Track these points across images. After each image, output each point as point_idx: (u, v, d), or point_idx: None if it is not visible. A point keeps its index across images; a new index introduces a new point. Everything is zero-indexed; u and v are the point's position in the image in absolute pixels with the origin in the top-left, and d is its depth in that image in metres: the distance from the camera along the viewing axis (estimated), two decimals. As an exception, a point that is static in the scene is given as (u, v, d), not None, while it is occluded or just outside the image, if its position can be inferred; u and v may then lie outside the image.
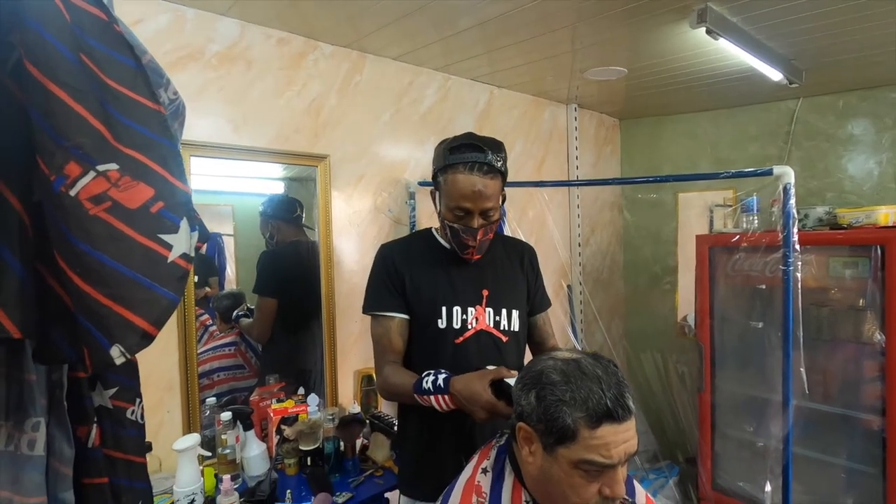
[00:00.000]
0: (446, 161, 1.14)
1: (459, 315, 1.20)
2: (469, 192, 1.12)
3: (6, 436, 0.53)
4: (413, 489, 1.25)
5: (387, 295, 1.22)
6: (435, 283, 1.22)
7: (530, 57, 2.03)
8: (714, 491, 2.29)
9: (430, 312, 1.20)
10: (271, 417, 1.65)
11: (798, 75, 2.10)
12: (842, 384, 2.07)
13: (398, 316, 1.22)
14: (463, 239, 1.17)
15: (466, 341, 1.20)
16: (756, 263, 2.14)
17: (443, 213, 1.18)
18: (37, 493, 0.53)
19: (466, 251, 1.19)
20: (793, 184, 1.40)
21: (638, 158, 3.20)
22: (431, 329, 1.20)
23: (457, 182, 1.12)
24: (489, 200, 1.14)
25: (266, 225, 1.86)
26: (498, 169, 1.15)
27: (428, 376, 1.08)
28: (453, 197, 1.13)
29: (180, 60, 1.51)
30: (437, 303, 1.20)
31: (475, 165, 1.12)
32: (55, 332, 0.51)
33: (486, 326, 1.22)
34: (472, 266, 1.25)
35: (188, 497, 1.21)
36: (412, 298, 1.22)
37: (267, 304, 1.84)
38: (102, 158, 0.47)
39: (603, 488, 0.76)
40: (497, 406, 0.98)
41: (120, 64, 0.49)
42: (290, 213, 1.89)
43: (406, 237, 1.39)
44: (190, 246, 0.51)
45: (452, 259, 1.25)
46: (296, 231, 1.90)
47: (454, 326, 1.20)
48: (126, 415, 0.64)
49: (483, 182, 1.12)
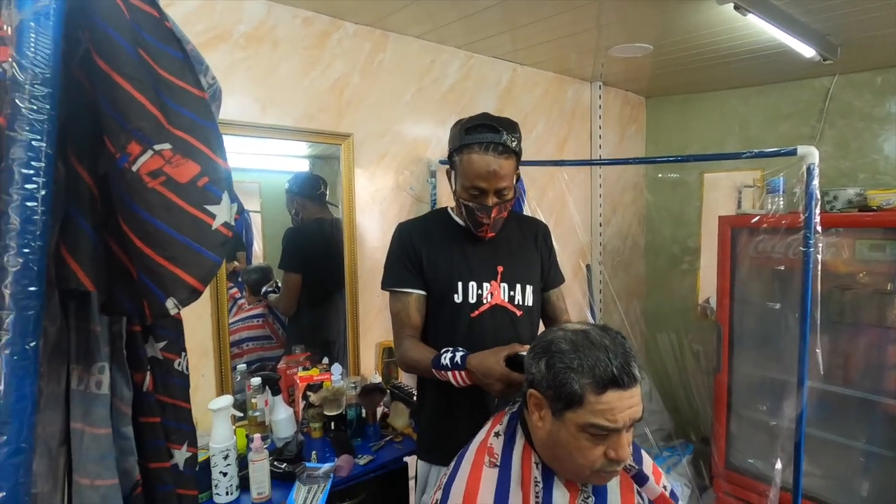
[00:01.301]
0: (462, 141, 1.17)
1: (475, 290, 1.25)
2: (484, 171, 1.15)
3: (77, 377, 0.63)
4: (430, 454, 1.33)
5: (404, 272, 1.28)
6: (451, 260, 1.27)
7: (553, 34, 2.01)
8: (727, 469, 2.33)
9: (446, 288, 1.25)
10: (297, 384, 1.74)
11: (833, 51, 2.03)
12: (863, 368, 2.06)
13: (415, 292, 1.27)
14: (478, 217, 1.20)
15: (482, 315, 1.25)
16: (778, 245, 2.12)
17: (458, 192, 1.23)
18: (104, 425, 0.63)
19: (481, 229, 1.23)
20: (817, 164, 1.37)
21: (664, 138, 3.14)
22: (448, 304, 1.25)
23: (472, 162, 1.16)
24: (503, 180, 1.17)
25: (291, 202, 1.93)
26: (512, 149, 1.17)
27: (446, 353, 1.14)
28: (468, 176, 1.17)
29: (210, 41, 1.57)
30: (454, 278, 1.25)
31: (490, 146, 1.15)
32: (118, 290, 0.60)
33: (501, 301, 1.27)
34: (488, 243, 1.29)
35: (223, 452, 1.31)
36: (429, 274, 1.27)
37: (292, 279, 1.92)
38: (158, 139, 0.54)
39: (608, 451, 0.81)
40: (511, 376, 1.04)
41: (170, 56, 0.56)
42: (314, 190, 1.95)
43: (423, 216, 1.44)
44: (231, 215, 0.58)
45: (468, 236, 1.29)
46: (319, 208, 1.96)
47: (470, 301, 1.25)
48: (174, 365, 0.74)
49: (497, 162, 1.15)
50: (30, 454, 0.48)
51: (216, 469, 1.31)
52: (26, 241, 0.47)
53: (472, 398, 1.24)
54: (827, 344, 1.96)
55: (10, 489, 0.47)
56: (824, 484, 2.11)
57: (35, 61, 0.46)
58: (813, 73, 2.45)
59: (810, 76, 2.51)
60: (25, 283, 0.47)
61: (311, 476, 1.41)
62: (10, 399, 0.46)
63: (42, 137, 0.47)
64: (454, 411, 1.27)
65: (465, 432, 1.16)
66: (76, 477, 0.65)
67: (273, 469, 1.39)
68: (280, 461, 1.44)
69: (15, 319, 0.46)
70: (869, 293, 2.02)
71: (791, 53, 2.03)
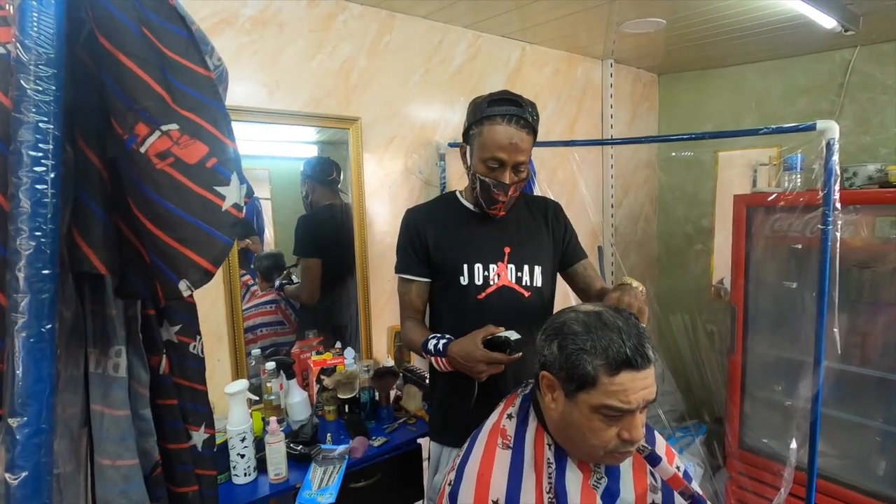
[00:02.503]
0: (484, 113, 1.16)
1: (481, 272, 1.25)
2: (506, 142, 1.14)
3: (95, 361, 0.64)
4: (442, 436, 1.34)
5: (408, 259, 1.30)
6: (456, 243, 1.27)
7: (563, 10, 1.96)
8: (740, 449, 2.32)
9: (452, 271, 1.26)
10: (311, 368, 1.76)
11: (854, 21, 1.95)
12: (882, 347, 2.02)
13: (418, 279, 1.30)
14: (494, 194, 1.19)
15: (489, 297, 1.25)
16: (795, 223, 2.07)
17: (474, 167, 1.21)
18: (122, 407, 0.64)
19: (494, 206, 1.22)
20: (837, 139, 1.33)
21: (678, 115, 3.07)
22: (455, 286, 1.26)
23: (494, 132, 1.15)
24: (522, 154, 1.16)
25: (304, 185, 1.94)
26: (532, 125, 1.18)
27: (432, 339, 1.18)
28: (489, 147, 1.15)
29: (216, 26, 1.55)
30: (459, 261, 1.25)
31: (513, 118, 1.14)
32: (130, 273, 0.60)
33: (508, 282, 1.26)
34: (495, 224, 1.28)
35: (240, 435, 1.33)
36: (435, 259, 1.28)
37: (312, 264, 1.93)
38: (165, 119, 0.53)
39: (622, 432, 0.80)
40: (491, 356, 1.05)
41: (175, 34, 0.55)
42: (325, 175, 1.94)
43: (430, 201, 1.44)
44: (240, 197, 0.58)
45: (475, 218, 1.29)
46: (330, 194, 1.96)
47: (476, 283, 1.25)
48: (189, 349, 0.74)
49: (519, 135, 1.15)
50: (50, 435, 0.49)
51: (234, 451, 1.34)
52: (38, 224, 0.47)
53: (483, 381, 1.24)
54: (844, 323, 1.93)
55: (33, 468, 0.47)
56: (840, 464, 2.09)
57: (38, 41, 0.45)
58: (833, 45, 2.37)
59: (830, 48, 2.43)
60: (39, 266, 0.47)
61: (327, 458, 1.43)
62: (29, 381, 0.47)
63: (49, 119, 0.46)
64: (464, 393, 1.28)
65: (475, 414, 1.17)
66: (98, 458, 0.66)
67: (289, 451, 1.41)
68: (296, 443, 1.46)
69: (30, 302, 0.47)
70: (889, 271, 1.97)
71: (810, 25, 1.96)
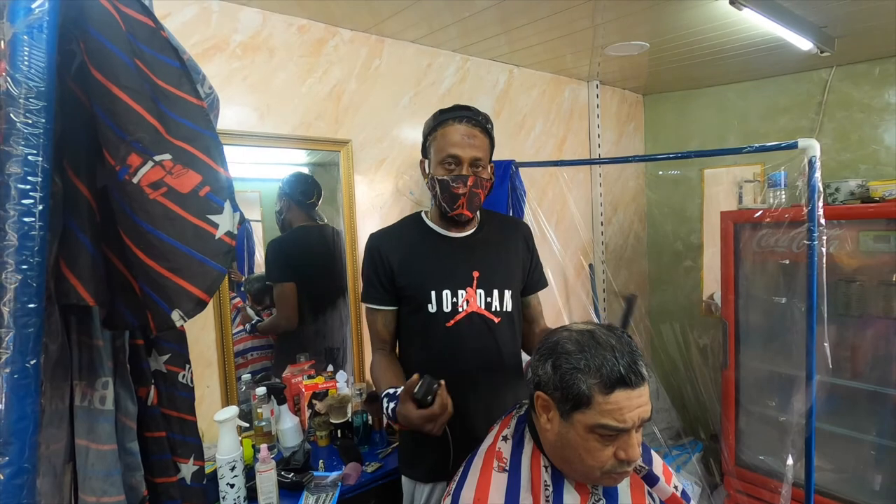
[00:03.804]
0: (437, 120, 1.20)
1: (449, 298, 1.20)
2: (458, 138, 1.16)
3: (81, 393, 0.62)
4: (411, 469, 1.29)
5: (372, 288, 1.26)
6: (423, 268, 1.23)
7: (549, 34, 2.01)
8: (737, 466, 2.31)
9: (419, 297, 1.21)
10: (303, 393, 1.73)
11: (830, 43, 2.02)
12: (871, 360, 2.04)
13: (383, 308, 1.26)
14: (453, 188, 1.17)
15: (458, 324, 1.21)
16: (782, 239, 2.11)
17: (433, 172, 1.20)
18: (109, 441, 0.62)
19: (457, 203, 1.18)
20: (818, 157, 1.37)
21: (663, 135, 3.14)
22: (422, 313, 1.21)
23: (447, 133, 1.17)
24: (478, 150, 1.17)
25: (280, 201, 1.89)
26: (486, 126, 1.20)
27: (385, 399, 1.11)
28: (444, 148, 1.17)
29: (207, 52, 1.57)
30: (427, 288, 1.21)
31: (464, 118, 1.18)
32: (119, 303, 0.59)
33: (478, 308, 1.22)
34: (464, 246, 1.25)
35: (230, 463, 1.30)
36: (401, 285, 1.23)
37: (288, 289, 1.86)
38: (158, 150, 0.54)
39: (618, 452, 0.80)
40: (431, 414, 0.98)
41: (167, 66, 0.55)
42: (304, 197, 1.90)
43: (395, 224, 1.37)
44: (233, 225, 0.58)
45: (442, 240, 1.26)
46: (306, 216, 1.91)
47: (444, 310, 1.20)
48: (178, 378, 0.73)
49: (472, 132, 1.17)
50: (33, 474, 0.47)
51: (223, 481, 1.30)
52: (24, 258, 0.46)
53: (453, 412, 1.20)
54: (834, 337, 1.95)
55: (14, 510, 0.46)
56: (836, 478, 2.09)
57: (29, 75, 0.45)
58: (811, 65, 2.44)
59: (808, 69, 2.51)
60: (24, 300, 0.46)
61: (319, 485, 1.40)
62: (12, 418, 0.46)
63: (38, 152, 0.46)
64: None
65: (444, 448, 1.12)
66: (82, 494, 0.64)
67: (280, 479, 1.38)
68: (287, 471, 1.43)
69: (15, 337, 0.46)
70: (874, 284, 2.00)
71: (788, 47, 2.03)
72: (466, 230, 1.28)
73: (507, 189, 2.18)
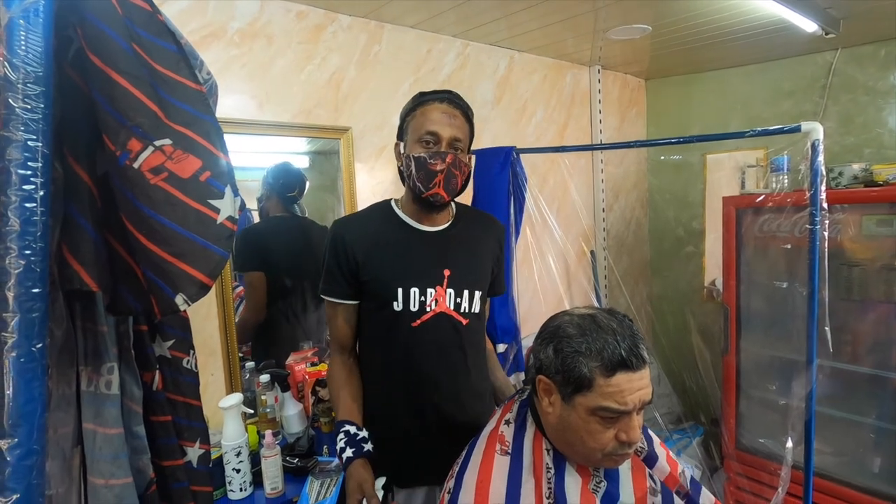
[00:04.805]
0: (416, 101, 1.14)
1: (417, 297, 1.13)
2: (438, 116, 1.10)
3: (87, 378, 0.63)
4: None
5: (332, 280, 1.17)
6: (391, 263, 1.14)
7: (549, 18, 1.99)
8: (737, 450, 2.33)
9: (384, 294, 1.13)
10: (307, 380, 1.75)
11: (835, 25, 1.99)
12: (872, 344, 2.05)
13: (344, 303, 1.17)
14: (430, 165, 1.08)
15: (424, 325, 1.13)
16: (784, 224, 2.10)
17: (409, 150, 1.13)
18: (115, 425, 0.63)
19: (432, 182, 1.09)
20: (821, 140, 1.35)
21: (665, 120, 3.11)
22: (386, 311, 1.13)
23: (427, 111, 1.11)
24: (459, 131, 1.12)
25: (262, 188, 1.85)
26: (466, 110, 1.15)
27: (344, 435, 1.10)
28: (422, 125, 1.10)
29: (204, 39, 1.55)
30: (393, 284, 1.13)
31: (445, 100, 1.13)
32: (122, 289, 0.59)
33: (447, 309, 1.15)
34: (435, 243, 1.18)
35: (235, 449, 1.31)
36: (365, 279, 1.15)
37: (255, 279, 1.80)
38: (158, 135, 0.54)
39: (620, 434, 0.81)
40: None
41: (165, 50, 0.55)
42: (286, 189, 1.86)
43: (362, 211, 1.28)
44: (234, 209, 0.58)
45: (412, 234, 1.18)
46: (284, 208, 1.88)
47: (411, 309, 1.13)
48: (183, 363, 0.74)
49: (453, 112, 1.12)
50: (42, 456, 0.48)
51: (229, 466, 1.32)
52: (27, 243, 0.46)
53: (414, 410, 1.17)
54: (835, 321, 1.95)
55: (24, 491, 0.47)
56: (835, 461, 2.11)
57: (27, 59, 0.45)
58: (815, 47, 2.41)
59: (812, 51, 2.47)
60: (28, 284, 0.47)
61: (324, 470, 1.42)
62: (20, 401, 0.46)
63: (38, 137, 0.46)
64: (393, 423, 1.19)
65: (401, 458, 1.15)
66: (90, 477, 0.65)
67: (285, 464, 1.40)
68: (292, 456, 1.45)
69: (20, 321, 0.46)
70: (877, 269, 2.00)
71: (792, 29, 2.00)
72: (439, 224, 1.20)
73: (508, 176, 2.16)
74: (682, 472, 0.97)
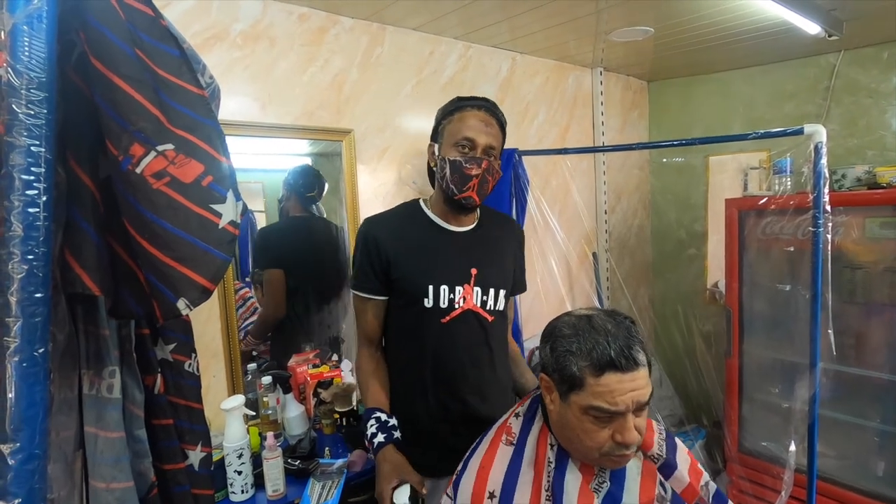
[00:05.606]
0: (454, 105, 1.20)
1: (446, 294, 1.18)
2: (476, 123, 1.16)
3: (89, 382, 0.63)
4: None
5: (364, 276, 1.22)
6: (421, 261, 1.20)
7: (552, 21, 1.99)
8: (740, 453, 2.32)
9: (415, 291, 1.18)
10: (308, 381, 1.75)
11: (838, 27, 1.99)
12: (876, 347, 2.04)
13: (374, 298, 1.22)
14: (465, 169, 1.15)
15: (453, 321, 1.19)
16: (786, 226, 2.09)
17: (444, 153, 1.19)
18: (117, 429, 0.63)
19: (467, 186, 1.16)
20: (825, 143, 1.35)
21: (667, 122, 3.11)
22: (417, 308, 1.19)
23: (465, 117, 1.17)
24: (494, 139, 1.18)
25: (283, 189, 1.90)
26: (502, 122, 1.21)
27: (375, 421, 1.15)
28: (460, 130, 1.17)
29: (207, 42, 1.56)
30: (424, 282, 1.18)
31: (482, 107, 1.18)
32: (124, 292, 0.60)
33: (474, 306, 1.21)
34: (463, 242, 1.24)
35: (237, 451, 1.31)
36: (396, 277, 1.19)
37: (275, 276, 1.84)
38: (160, 139, 0.54)
39: (615, 435, 0.82)
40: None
41: (167, 54, 0.55)
42: (305, 189, 1.91)
43: (391, 210, 1.33)
44: (236, 214, 0.58)
45: (441, 233, 1.24)
46: (303, 208, 1.92)
47: (441, 306, 1.18)
48: (184, 367, 0.74)
49: (489, 120, 1.18)
50: (44, 460, 0.48)
51: (231, 468, 1.32)
52: (30, 248, 0.46)
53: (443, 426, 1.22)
54: (838, 324, 1.94)
55: (26, 495, 0.47)
56: (839, 465, 2.10)
57: (30, 65, 0.45)
58: (818, 49, 2.41)
59: (815, 53, 2.47)
60: (31, 289, 0.47)
61: (325, 472, 1.42)
62: (22, 406, 0.46)
63: (41, 142, 0.46)
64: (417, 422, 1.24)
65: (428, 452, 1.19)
66: (92, 481, 0.65)
67: (287, 466, 1.40)
68: (294, 458, 1.45)
69: (22, 326, 0.46)
70: (880, 271, 1.99)
71: (795, 31, 1.99)
72: (466, 225, 1.26)
73: (510, 178, 2.17)
74: (705, 483, 0.97)
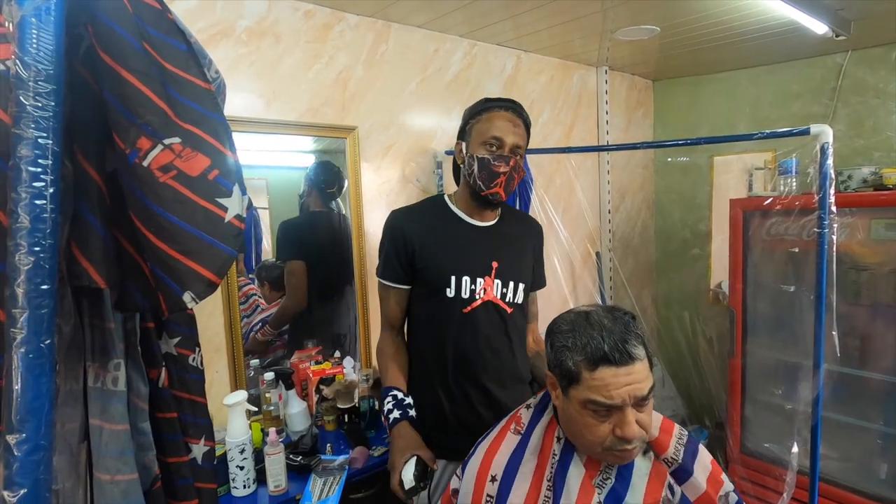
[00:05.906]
0: (483, 106, 1.24)
1: (468, 285, 1.24)
2: (503, 124, 1.21)
3: (94, 374, 0.64)
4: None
5: (390, 265, 1.28)
6: (445, 253, 1.26)
7: (557, 19, 1.98)
8: (742, 454, 2.31)
9: (439, 281, 1.24)
10: (310, 378, 1.75)
11: (846, 27, 1.97)
12: (880, 349, 2.03)
13: (397, 287, 1.29)
14: (494, 167, 1.20)
15: (474, 311, 1.24)
16: (791, 227, 2.08)
17: (471, 151, 1.24)
18: (121, 421, 0.63)
19: (494, 182, 1.21)
20: (831, 143, 1.34)
21: (672, 121, 3.09)
22: (440, 297, 1.24)
23: (493, 118, 1.22)
24: (520, 139, 1.23)
25: (304, 185, 1.94)
26: (528, 124, 1.25)
27: (390, 399, 1.22)
28: (488, 131, 1.21)
29: (213, 38, 1.56)
30: (447, 272, 1.24)
31: (510, 108, 1.23)
32: (130, 286, 0.60)
33: (494, 298, 1.26)
34: (485, 236, 1.29)
35: (239, 446, 1.32)
36: (421, 267, 1.25)
37: (296, 267, 1.89)
38: (167, 133, 0.54)
39: (615, 429, 0.83)
40: (395, 482, 1.11)
41: (174, 48, 0.56)
42: (325, 185, 1.94)
43: (418, 204, 1.41)
44: (242, 208, 0.59)
45: (465, 227, 1.29)
46: (322, 203, 1.95)
47: (462, 296, 1.24)
48: (188, 361, 0.75)
49: (517, 121, 1.23)
50: (49, 451, 0.49)
51: (233, 463, 1.33)
52: (37, 240, 0.47)
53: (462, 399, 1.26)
54: (843, 326, 1.93)
55: (31, 485, 0.47)
56: (841, 467, 2.09)
57: (38, 58, 0.45)
58: (825, 49, 2.39)
59: (822, 53, 2.45)
60: (38, 281, 0.47)
61: (327, 468, 1.42)
62: (28, 397, 0.47)
63: (48, 135, 0.46)
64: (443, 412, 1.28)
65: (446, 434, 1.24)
66: (96, 473, 0.66)
67: (289, 462, 1.40)
68: (295, 454, 1.45)
69: (29, 317, 0.47)
70: (885, 273, 1.98)
71: (802, 30, 1.98)
72: (489, 220, 1.31)
73: (514, 176, 2.16)
74: (724, 494, 0.93)
